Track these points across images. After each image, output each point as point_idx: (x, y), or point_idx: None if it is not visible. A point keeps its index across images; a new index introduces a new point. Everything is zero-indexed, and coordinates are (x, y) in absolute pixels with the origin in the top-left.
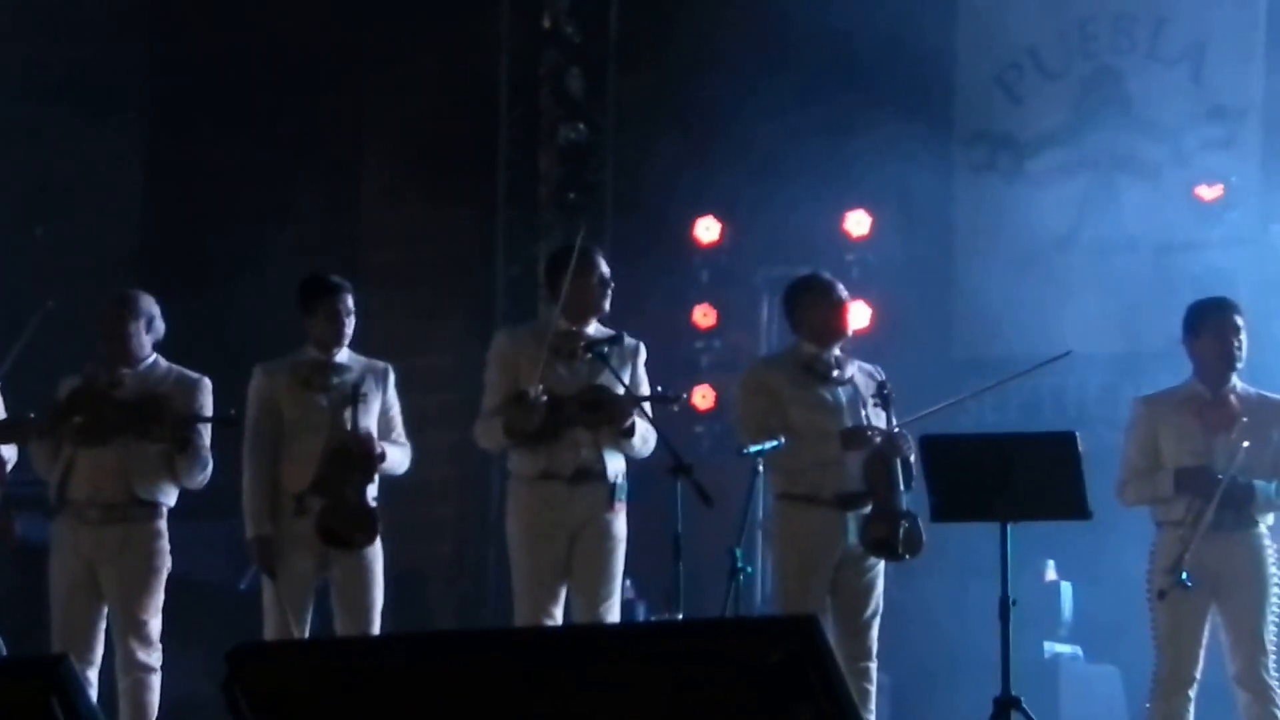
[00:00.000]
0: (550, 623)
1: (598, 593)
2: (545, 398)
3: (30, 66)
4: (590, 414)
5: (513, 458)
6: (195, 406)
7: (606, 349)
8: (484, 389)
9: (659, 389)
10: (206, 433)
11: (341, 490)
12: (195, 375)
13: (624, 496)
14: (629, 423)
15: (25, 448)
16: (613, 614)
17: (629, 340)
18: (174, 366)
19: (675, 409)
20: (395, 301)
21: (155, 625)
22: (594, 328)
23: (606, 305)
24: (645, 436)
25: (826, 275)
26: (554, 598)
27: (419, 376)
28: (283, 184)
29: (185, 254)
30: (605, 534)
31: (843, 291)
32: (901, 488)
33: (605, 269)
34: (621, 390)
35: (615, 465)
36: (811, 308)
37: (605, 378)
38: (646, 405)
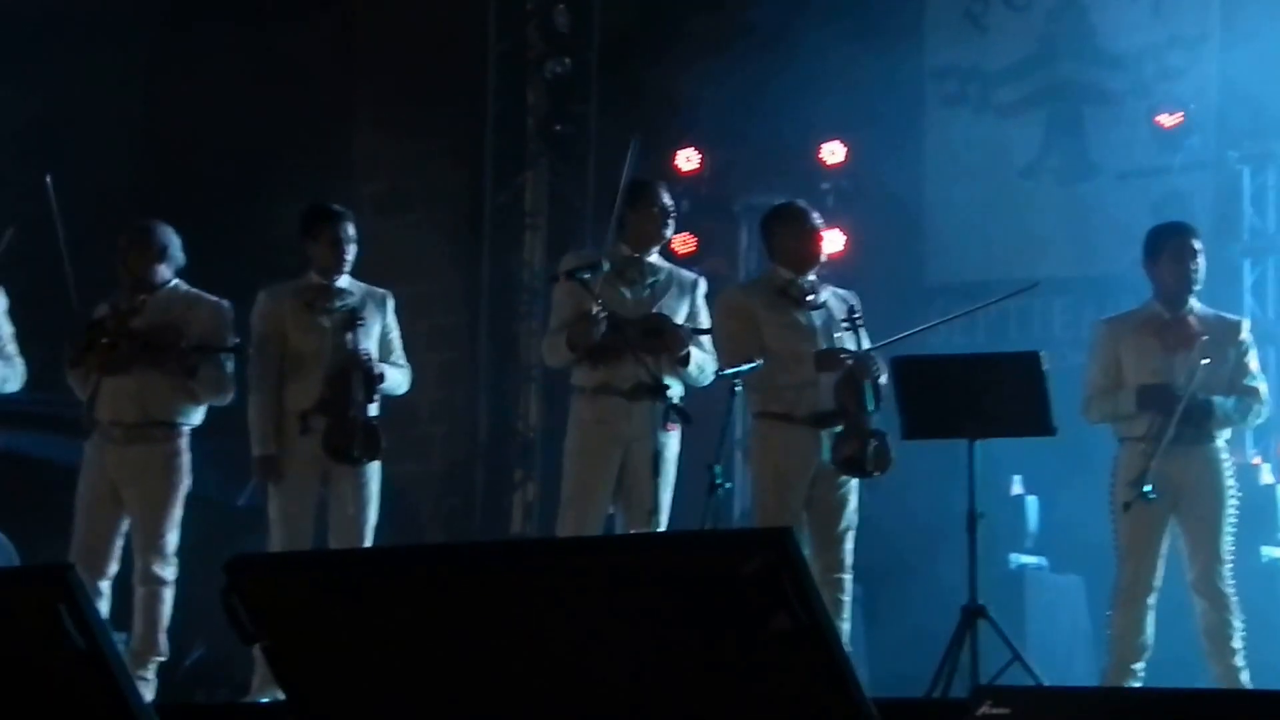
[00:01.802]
0: (591, 534)
1: (645, 507)
2: (605, 314)
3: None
4: (650, 339)
5: (576, 373)
6: (213, 329)
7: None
8: (552, 309)
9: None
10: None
11: (345, 409)
12: (214, 299)
13: (677, 419)
14: (684, 352)
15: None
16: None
17: (687, 274)
18: (193, 290)
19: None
20: (386, 229)
21: (173, 540)
22: (655, 257)
23: (668, 234)
24: (703, 366)
25: (802, 203)
26: (600, 510)
27: (409, 302)
28: (277, 116)
29: (182, 184)
30: (659, 453)
31: (817, 219)
32: (871, 408)
33: (667, 200)
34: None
35: (673, 389)
36: (787, 235)
37: (665, 305)
38: (705, 338)
